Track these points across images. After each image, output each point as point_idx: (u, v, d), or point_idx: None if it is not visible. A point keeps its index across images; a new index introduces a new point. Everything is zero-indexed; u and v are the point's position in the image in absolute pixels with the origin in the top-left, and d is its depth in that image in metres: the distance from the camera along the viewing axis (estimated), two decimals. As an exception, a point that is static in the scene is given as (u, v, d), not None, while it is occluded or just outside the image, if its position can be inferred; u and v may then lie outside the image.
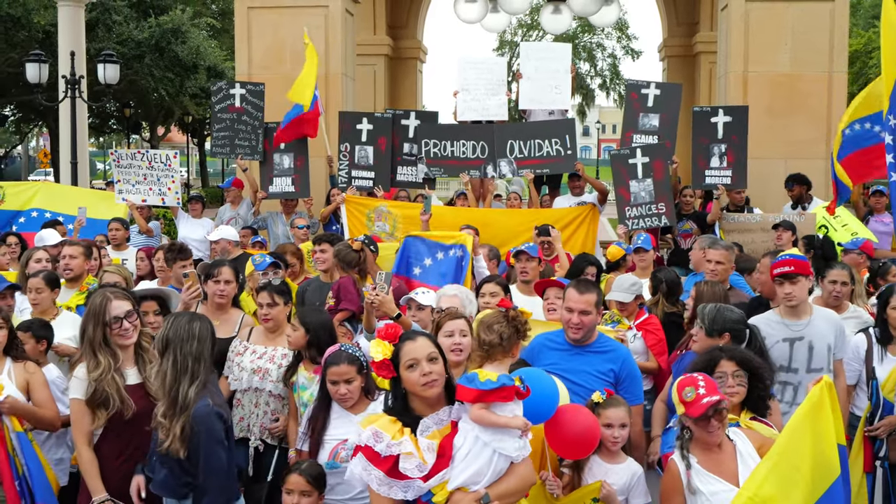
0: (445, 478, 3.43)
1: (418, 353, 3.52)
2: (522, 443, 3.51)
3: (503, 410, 3.46)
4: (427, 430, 3.50)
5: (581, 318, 4.90)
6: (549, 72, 11.07)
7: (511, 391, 3.44)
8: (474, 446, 3.45)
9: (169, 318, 4.63)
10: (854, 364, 5.88)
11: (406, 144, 10.92)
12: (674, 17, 18.45)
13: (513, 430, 3.46)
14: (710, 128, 10.19)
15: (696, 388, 3.96)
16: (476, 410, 3.45)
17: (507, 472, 3.52)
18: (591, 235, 9.86)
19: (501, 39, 52.86)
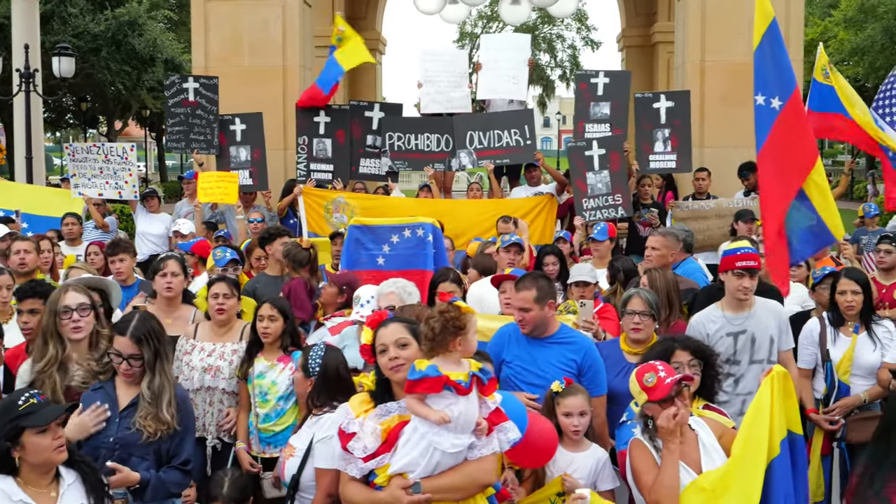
0: (384, 462, 3.53)
1: (387, 338, 3.69)
2: (464, 440, 3.52)
3: (437, 403, 3.48)
4: (387, 415, 3.60)
5: (522, 315, 4.95)
6: (508, 62, 11.10)
7: (437, 382, 3.44)
8: (413, 436, 3.52)
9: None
10: (810, 348, 5.99)
11: (369, 136, 10.86)
12: (632, 7, 18.57)
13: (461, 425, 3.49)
14: (653, 113, 10.29)
15: (657, 373, 4.00)
16: (408, 400, 3.52)
17: (453, 468, 3.55)
18: (550, 225, 9.91)
19: (462, 31, 52.95)
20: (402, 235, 7.74)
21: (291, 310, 5.74)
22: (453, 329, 3.56)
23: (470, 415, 3.53)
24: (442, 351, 3.57)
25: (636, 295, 5.41)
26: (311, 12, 13.28)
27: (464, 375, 3.52)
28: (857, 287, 5.87)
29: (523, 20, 20.03)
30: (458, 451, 3.52)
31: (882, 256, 7.83)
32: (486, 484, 3.64)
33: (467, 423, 3.52)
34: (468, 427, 3.53)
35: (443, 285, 6.30)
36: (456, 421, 3.48)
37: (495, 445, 3.62)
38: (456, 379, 3.49)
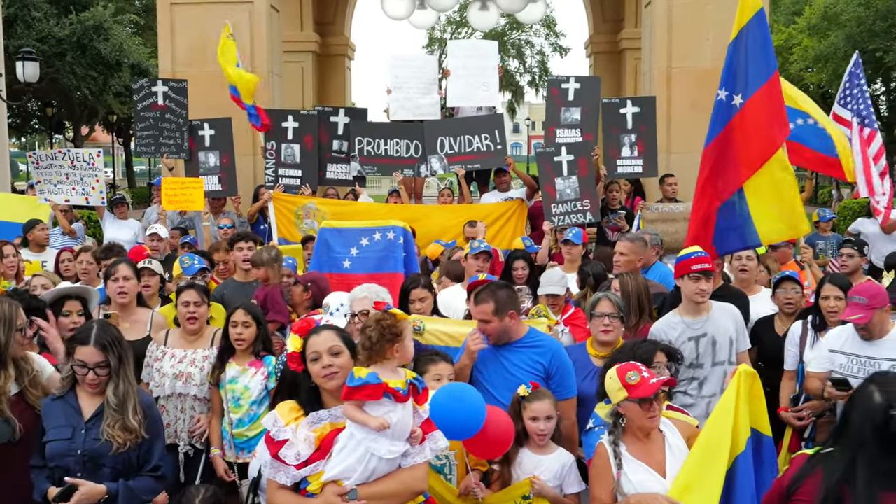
0: (319, 469, 3.54)
1: (320, 346, 3.68)
2: (400, 447, 3.56)
3: (375, 410, 3.51)
4: (319, 423, 3.61)
5: (483, 327, 4.97)
6: (477, 69, 11.15)
7: (377, 390, 3.48)
8: (349, 442, 3.54)
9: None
10: (792, 350, 6.08)
11: (336, 142, 10.86)
12: (599, 14, 18.70)
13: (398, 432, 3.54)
14: (620, 119, 10.40)
15: (640, 372, 4.06)
16: (346, 407, 3.54)
17: (389, 475, 3.58)
18: (520, 230, 9.95)
19: (431, 36, 52.96)
20: (372, 238, 7.74)
21: (264, 316, 5.75)
22: (390, 336, 3.60)
23: (406, 422, 3.57)
24: (380, 359, 3.60)
25: (605, 298, 5.48)
26: (279, 17, 13.25)
27: (402, 383, 3.57)
28: (840, 292, 5.96)
29: (492, 26, 20.09)
30: (394, 457, 3.55)
31: (844, 260, 7.97)
32: (419, 491, 3.68)
33: (403, 430, 3.57)
34: (404, 434, 3.58)
35: (414, 292, 6.33)
36: (394, 428, 3.52)
37: (427, 454, 3.67)
38: (395, 386, 3.53)
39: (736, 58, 6.69)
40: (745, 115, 6.61)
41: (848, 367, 5.33)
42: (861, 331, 5.36)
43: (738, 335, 5.70)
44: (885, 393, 3.29)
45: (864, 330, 5.34)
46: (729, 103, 6.67)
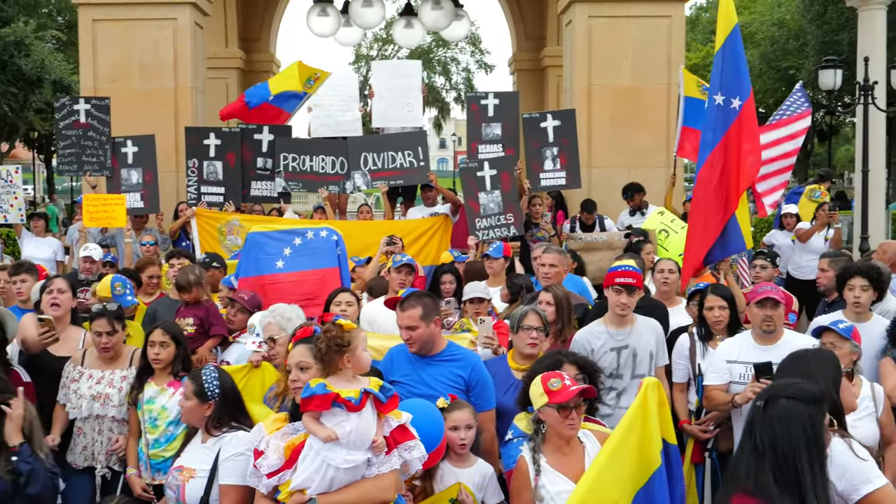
0: (286, 479, 3.61)
1: (292, 359, 3.88)
2: (357, 456, 3.60)
3: (330, 420, 3.58)
4: (295, 433, 3.69)
5: (410, 334, 5.01)
6: (401, 89, 11.23)
7: (325, 400, 3.54)
8: (309, 452, 3.60)
9: None
10: (681, 362, 6.24)
11: (259, 159, 10.81)
12: (522, 32, 18.98)
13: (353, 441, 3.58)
14: (541, 132, 10.54)
15: (563, 380, 4.14)
16: (304, 418, 3.61)
17: (351, 485, 3.63)
18: (445, 245, 10.02)
19: (357, 53, 52.96)
20: (305, 237, 7.72)
21: (183, 334, 5.70)
22: (336, 347, 3.65)
23: (363, 431, 3.60)
24: (334, 370, 3.66)
25: (532, 311, 5.53)
26: (203, 33, 13.18)
27: (354, 392, 3.60)
28: (724, 302, 6.14)
29: (417, 43, 20.27)
30: (353, 466, 3.60)
31: (758, 272, 8.23)
32: (383, 501, 3.70)
33: (360, 439, 3.60)
34: (362, 443, 3.60)
35: (341, 295, 6.36)
36: (347, 437, 3.55)
37: (395, 463, 3.69)
38: (346, 396, 3.57)
39: (727, 64, 6.92)
40: (742, 120, 6.84)
41: (746, 377, 5.37)
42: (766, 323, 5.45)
43: (659, 350, 5.86)
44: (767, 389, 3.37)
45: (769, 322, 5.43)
46: (728, 107, 6.86)
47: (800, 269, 11.33)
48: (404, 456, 3.73)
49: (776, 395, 3.21)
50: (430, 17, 15.68)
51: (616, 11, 12.29)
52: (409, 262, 7.44)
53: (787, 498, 3.03)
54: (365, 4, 15.64)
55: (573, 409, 4.10)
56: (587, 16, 12.32)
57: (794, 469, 3.07)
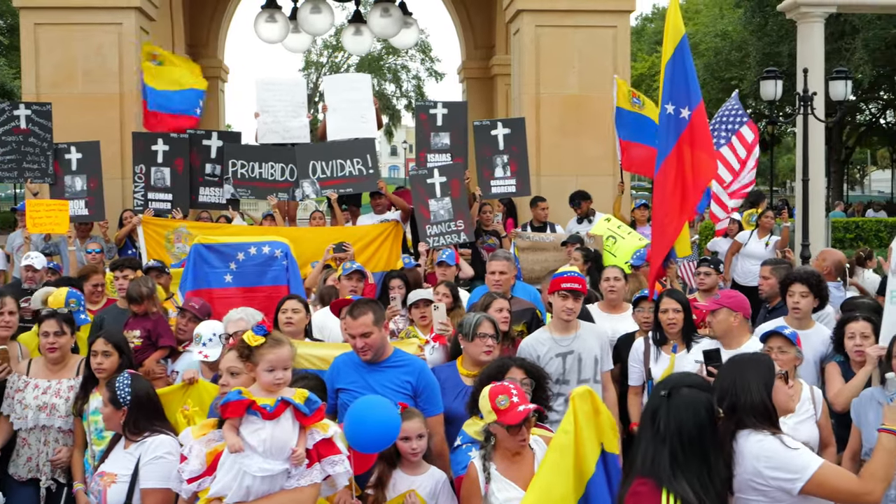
0: (204, 486, 3.62)
1: (223, 364, 3.96)
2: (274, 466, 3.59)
3: (247, 428, 3.58)
4: (219, 440, 3.68)
5: (364, 341, 4.98)
6: (354, 102, 11.22)
7: (239, 406, 3.55)
8: (227, 460, 3.60)
9: None
10: (636, 366, 6.35)
11: (208, 165, 10.73)
12: (471, 41, 19.07)
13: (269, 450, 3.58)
14: (492, 140, 10.64)
15: (510, 397, 4.13)
16: (224, 424, 3.62)
17: (269, 496, 3.63)
18: (396, 251, 10.03)
19: (307, 60, 52.74)
20: (248, 253, 7.70)
21: (128, 343, 5.64)
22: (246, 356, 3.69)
23: (280, 441, 3.59)
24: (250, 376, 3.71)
25: (486, 319, 5.56)
26: (149, 39, 13.02)
27: (270, 401, 3.60)
28: (678, 306, 6.26)
29: (367, 50, 20.24)
30: (269, 475, 3.59)
31: (702, 278, 8.40)
32: None
33: (277, 448, 3.59)
34: (279, 453, 3.60)
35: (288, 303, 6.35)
36: (263, 445, 3.55)
37: (316, 477, 3.68)
38: (261, 403, 3.57)
39: (676, 74, 7.03)
40: (693, 128, 6.95)
41: None
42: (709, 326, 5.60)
43: (604, 355, 5.93)
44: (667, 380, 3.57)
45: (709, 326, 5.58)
46: (677, 116, 6.97)
47: (742, 275, 11.57)
48: (327, 470, 3.71)
49: (678, 384, 3.46)
50: (379, 24, 15.67)
51: (563, 21, 12.43)
52: (360, 269, 7.45)
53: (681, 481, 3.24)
54: (313, 11, 15.57)
55: (521, 427, 4.13)
56: (534, 25, 12.43)
57: (699, 451, 3.31)
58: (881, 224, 27.78)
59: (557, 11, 12.42)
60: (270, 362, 3.68)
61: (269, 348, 3.70)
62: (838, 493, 3.58)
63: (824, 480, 3.52)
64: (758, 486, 3.49)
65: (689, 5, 42.69)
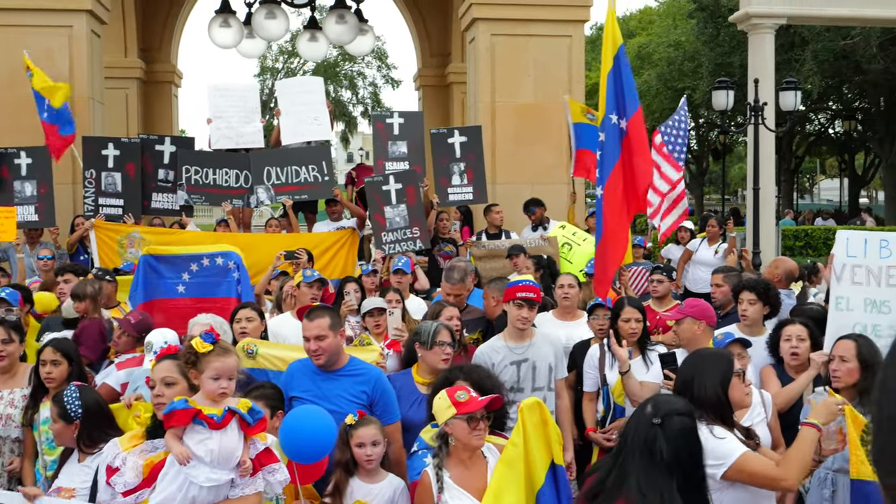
0: (143, 497, 3.58)
1: (156, 375, 3.84)
2: (221, 475, 3.57)
3: (192, 438, 3.55)
4: (154, 451, 3.66)
5: (318, 344, 4.96)
6: (307, 105, 11.18)
7: (186, 414, 3.51)
8: (170, 470, 3.57)
9: None
10: (591, 372, 6.39)
11: (161, 171, 10.61)
12: (427, 48, 19.11)
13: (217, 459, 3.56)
14: (448, 148, 10.68)
15: (469, 393, 4.17)
16: (166, 435, 3.57)
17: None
18: (352, 258, 10.03)
19: (262, 65, 52.45)
20: (201, 264, 7.65)
21: (77, 352, 5.55)
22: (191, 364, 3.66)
23: (227, 450, 3.57)
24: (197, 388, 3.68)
25: (444, 327, 5.57)
26: (100, 42, 12.86)
27: (217, 410, 3.57)
28: (640, 314, 6.33)
29: (322, 57, 20.20)
30: (215, 485, 3.57)
31: (655, 286, 8.49)
32: None
33: (224, 458, 3.57)
34: (226, 462, 3.58)
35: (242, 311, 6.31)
36: (210, 455, 3.53)
37: (259, 485, 3.68)
38: (209, 413, 3.54)
39: (617, 85, 7.13)
40: (630, 138, 7.07)
41: None
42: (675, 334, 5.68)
43: (558, 362, 5.96)
44: (655, 406, 3.42)
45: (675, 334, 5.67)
46: (618, 126, 7.10)
47: (694, 282, 11.71)
48: (268, 479, 3.71)
49: (669, 413, 3.35)
50: (334, 31, 15.62)
51: (518, 30, 12.51)
52: (321, 277, 7.43)
53: None
54: (268, 17, 15.49)
55: (480, 419, 4.13)
56: (490, 34, 12.50)
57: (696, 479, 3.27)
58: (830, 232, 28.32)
59: (512, 20, 12.50)
60: (217, 370, 3.64)
61: (217, 356, 3.66)
62: (757, 477, 3.81)
63: (745, 466, 3.73)
64: None
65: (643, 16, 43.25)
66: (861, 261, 5.00)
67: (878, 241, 4.94)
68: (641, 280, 9.99)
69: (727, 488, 3.78)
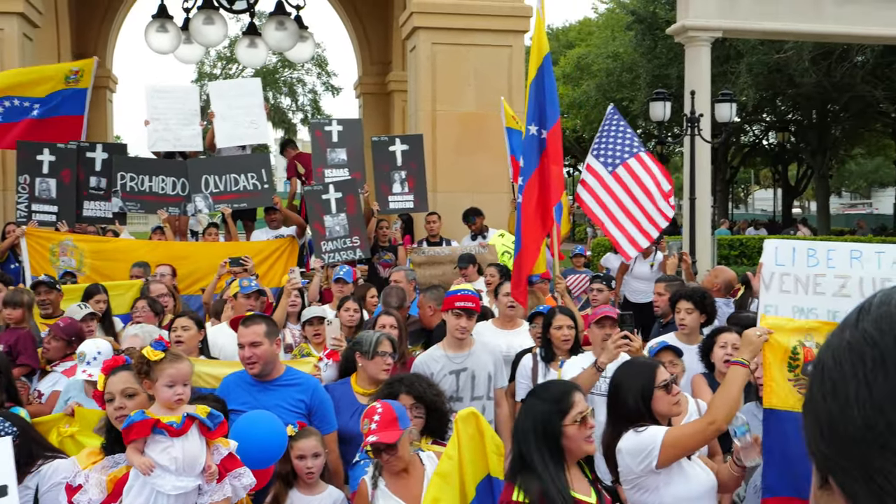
0: None
1: (115, 386, 3.73)
2: (187, 483, 3.53)
3: (154, 448, 3.50)
4: (115, 466, 3.59)
5: (253, 351, 4.90)
6: (243, 108, 11.06)
7: (145, 426, 3.47)
8: (135, 483, 3.51)
9: None
10: (523, 382, 6.38)
11: (93, 178, 10.40)
12: (368, 56, 19.08)
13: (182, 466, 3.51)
14: (390, 156, 10.68)
15: (370, 422, 4.06)
16: (127, 449, 3.51)
17: None
18: (291, 267, 9.92)
19: (200, 71, 51.79)
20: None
21: (8, 363, 5.40)
22: (145, 373, 3.60)
23: (191, 456, 3.53)
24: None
25: (385, 337, 5.52)
26: (33, 46, 12.57)
27: (176, 418, 3.54)
28: (571, 322, 6.35)
29: (261, 63, 19.95)
30: (183, 493, 3.52)
31: (595, 295, 8.56)
32: None
33: (189, 464, 3.52)
34: (191, 469, 3.54)
35: (178, 320, 6.20)
36: (175, 463, 3.48)
37: (227, 491, 3.64)
38: (167, 421, 3.50)
39: (539, 95, 7.17)
40: (549, 149, 7.13)
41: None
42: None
43: (497, 371, 5.96)
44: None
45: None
46: (539, 136, 7.14)
47: (633, 293, 11.83)
48: (234, 484, 3.68)
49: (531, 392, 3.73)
50: (274, 37, 15.48)
51: (459, 39, 12.55)
52: (260, 289, 7.33)
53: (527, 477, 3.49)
54: (206, 22, 15.27)
55: (382, 451, 4.07)
56: (430, 43, 12.53)
57: (524, 455, 3.57)
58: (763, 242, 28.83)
59: (453, 30, 12.54)
60: (171, 377, 3.61)
61: (169, 363, 3.63)
62: (689, 438, 3.87)
63: (674, 439, 3.78)
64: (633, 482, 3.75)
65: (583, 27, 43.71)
66: (789, 269, 5.09)
67: (805, 251, 5.04)
68: (581, 288, 10.07)
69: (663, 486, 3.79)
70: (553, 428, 3.58)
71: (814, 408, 0.95)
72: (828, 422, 0.92)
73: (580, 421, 3.58)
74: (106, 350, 5.55)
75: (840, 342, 0.94)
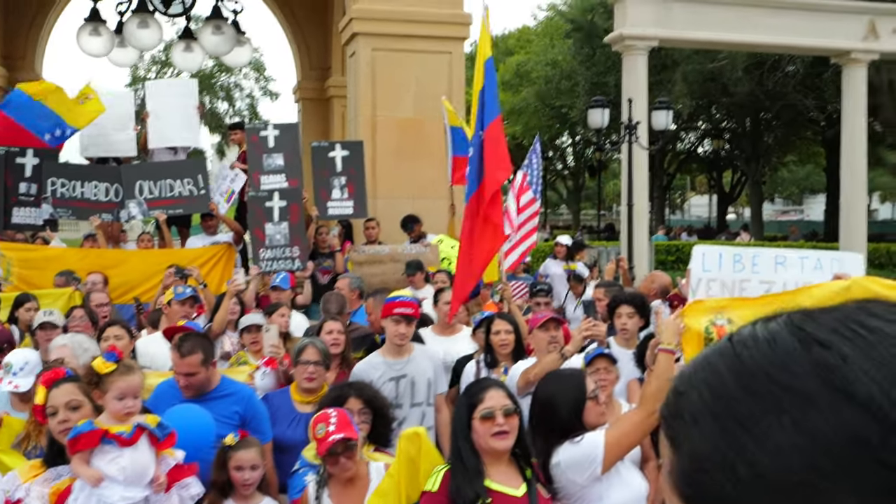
0: None
1: (58, 399, 3.61)
2: (136, 493, 3.46)
3: (102, 459, 3.43)
4: (58, 478, 3.50)
5: (188, 380, 4.86)
6: (178, 108, 10.87)
7: (93, 436, 3.41)
8: (80, 494, 3.44)
9: None
10: None
11: (23, 184, 10.10)
12: (307, 61, 18.95)
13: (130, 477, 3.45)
14: (329, 162, 10.54)
15: (328, 426, 4.03)
16: (73, 460, 3.45)
17: None
18: (228, 274, 9.75)
19: (134, 75, 50.97)
20: None
21: None
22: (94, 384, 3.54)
23: (140, 466, 3.49)
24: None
25: (311, 345, 5.46)
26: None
27: (126, 427, 3.49)
28: (510, 327, 6.33)
29: (197, 68, 19.72)
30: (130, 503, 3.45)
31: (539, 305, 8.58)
32: None
33: (137, 474, 3.47)
34: (140, 479, 3.49)
35: (110, 329, 6.06)
36: (123, 473, 3.43)
37: (174, 501, 3.61)
38: (117, 431, 3.45)
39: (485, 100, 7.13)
40: (486, 149, 7.04)
41: None
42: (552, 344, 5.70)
43: (437, 378, 5.92)
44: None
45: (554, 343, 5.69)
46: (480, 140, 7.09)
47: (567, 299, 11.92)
48: (181, 494, 3.64)
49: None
50: (211, 41, 15.29)
51: (398, 46, 12.52)
52: (195, 296, 7.19)
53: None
54: (141, 26, 15.01)
55: (340, 454, 4.02)
56: (370, 49, 12.48)
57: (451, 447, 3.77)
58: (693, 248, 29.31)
59: (393, 36, 12.51)
60: (121, 390, 3.57)
61: (120, 375, 3.60)
62: (631, 433, 3.88)
63: (616, 439, 3.79)
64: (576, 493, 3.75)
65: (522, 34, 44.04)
66: (716, 274, 5.19)
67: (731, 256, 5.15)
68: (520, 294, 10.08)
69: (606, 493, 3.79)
70: (463, 422, 3.71)
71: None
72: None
73: (486, 416, 3.62)
74: (34, 361, 5.38)
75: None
